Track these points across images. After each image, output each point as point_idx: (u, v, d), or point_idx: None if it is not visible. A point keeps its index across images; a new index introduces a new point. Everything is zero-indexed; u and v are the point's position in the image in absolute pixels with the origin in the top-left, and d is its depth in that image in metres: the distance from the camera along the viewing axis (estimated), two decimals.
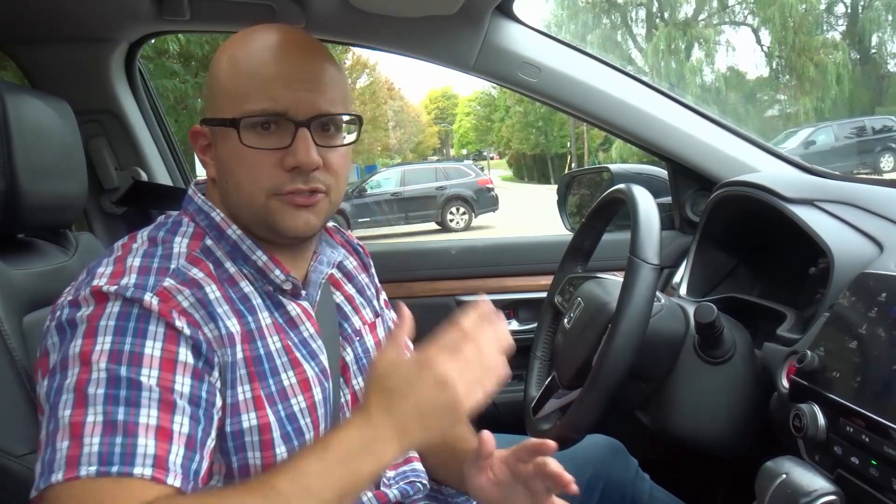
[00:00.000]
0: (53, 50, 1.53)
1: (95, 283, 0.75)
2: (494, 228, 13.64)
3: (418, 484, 0.99)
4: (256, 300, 0.84)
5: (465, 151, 46.68)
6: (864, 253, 1.02)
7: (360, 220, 13.56)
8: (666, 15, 24.93)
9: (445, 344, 0.75)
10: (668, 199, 1.68)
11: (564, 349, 1.13)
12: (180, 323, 0.75)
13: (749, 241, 1.36)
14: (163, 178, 1.74)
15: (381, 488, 0.95)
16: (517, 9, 1.52)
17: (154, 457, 0.68)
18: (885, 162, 15.58)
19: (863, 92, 22.00)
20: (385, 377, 0.74)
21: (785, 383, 0.96)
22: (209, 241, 0.85)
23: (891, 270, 0.90)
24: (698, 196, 1.61)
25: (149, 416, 0.69)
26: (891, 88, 22.69)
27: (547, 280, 1.37)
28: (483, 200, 14.40)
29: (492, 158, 40.92)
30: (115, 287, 0.74)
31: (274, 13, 1.47)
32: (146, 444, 0.68)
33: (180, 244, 0.83)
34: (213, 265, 0.83)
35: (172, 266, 0.80)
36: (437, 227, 14.13)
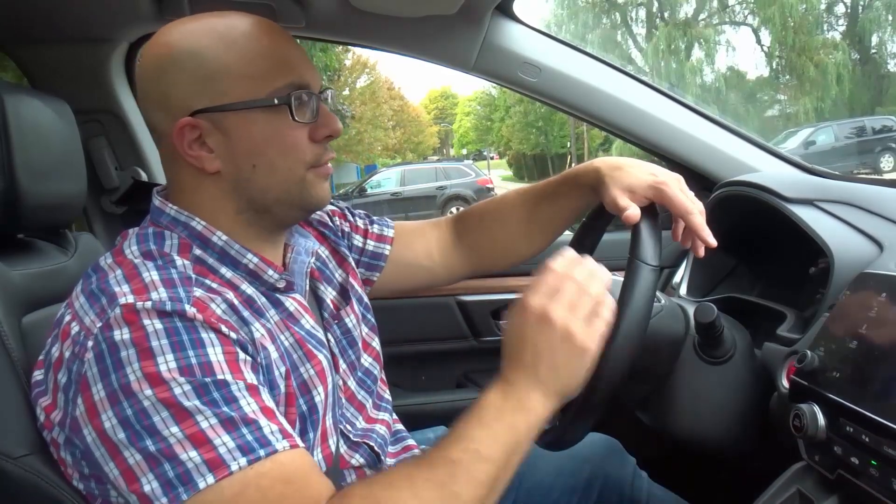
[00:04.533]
0: (53, 50, 1.53)
1: (123, 301, 0.71)
2: None
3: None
4: (261, 300, 0.84)
5: (465, 151, 46.64)
6: (864, 253, 1.02)
7: None
8: (666, 15, 24.90)
9: (547, 291, 0.78)
10: None
11: None
12: (225, 329, 0.74)
13: (749, 241, 1.36)
14: (162, 178, 1.73)
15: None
16: (517, 9, 1.52)
17: (280, 431, 0.71)
18: (885, 162, 15.58)
19: (863, 92, 21.99)
20: (507, 334, 0.79)
21: (785, 383, 0.96)
22: (197, 251, 0.82)
23: (891, 270, 0.91)
24: (698, 196, 1.61)
25: (249, 403, 0.70)
26: (891, 88, 22.66)
27: None
28: (483, 200, 14.41)
29: (492, 158, 40.90)
30: (150, 303, 0.71)
31: (274, 13, 1.47)
32: (267, 424, 0.70)
33: (177, 256, 0.80)
34: (212, 273, 0.81)
35: (191, 276, 0.78)
36: None
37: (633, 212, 0.90)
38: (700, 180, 1.57)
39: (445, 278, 1.22)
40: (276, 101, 0.80)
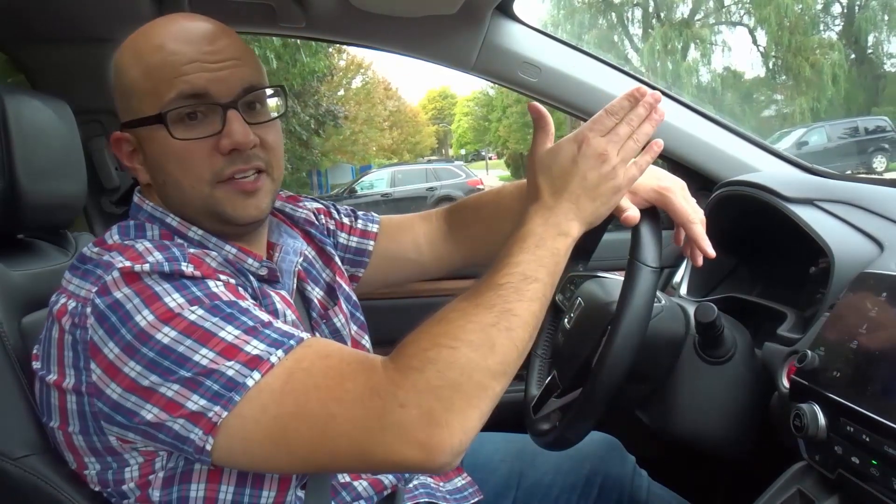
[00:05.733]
0: (54, 50, 1.53)
1: (121, 265, 0.72)
2: None
3: None
4: (250, 286, 0.84)
5: (463, 151, 46.65)
6: (865, 252, 1.02)
7: None
8: (662, 15, 24.92)
9: (597, 123, 0.82)
10: None
11: (564, 349, 1.13)
12: (224, 276, 0.77)
13: (749, 241, 1.36)
14: None
15: (375, 475, 0.96)
16: (517, 9, 1.52)
17: (294, 329, 0.74)
18: (878, 162, 15.56)
19: (859, 92, 22.02)
20: (548, 164, 0.82)
21: (785, 383, 0.96)
22: (179, 240, 0.83)
23: (891, 270, 0.90)
24: (698, 196, 1.59)
25: (260, 314, 0.74)
26: (887, 88, 22.71)
27: None
28: None
29: (490, 158, 40.90)
30: (148, 265, 0.72)
31: (274, 13, 1.47)
32: (281, 325, 0.74)
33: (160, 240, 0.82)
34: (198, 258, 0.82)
35: (183, 243, 0.81)
36: None
37: (633, 213, 0.91)
38: (700, 180, 1.57)
39: (435, 270, 1.23)
40: (166, 117, 0.79)
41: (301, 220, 1.08)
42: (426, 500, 1.03)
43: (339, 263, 1.09)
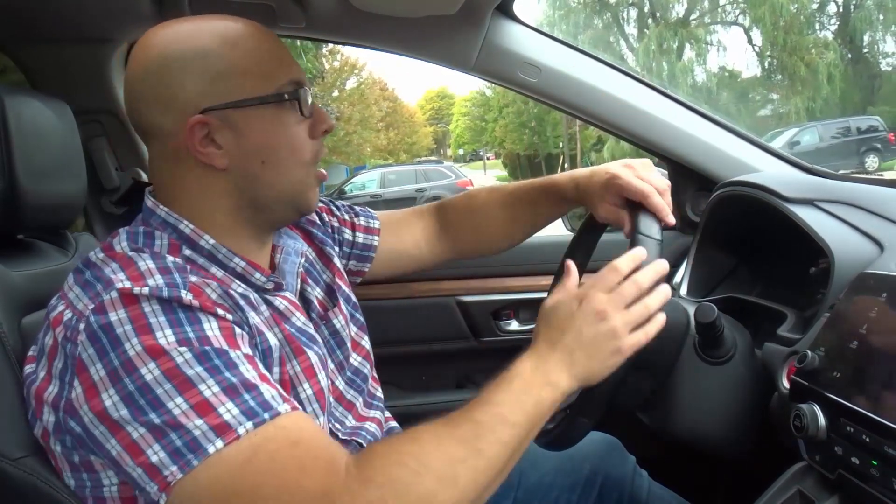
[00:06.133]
0: (53, 50, 1.53)
1: (120, 286, 0.72)
2: None
3: None
4: (253, 296, 0.85)
5: (461, 151, 46.65)
6: (865, 253, 1.02)
7: None
8: (657, 14, 24.93)
9: (603, 281, 0.83)
10: None
11: None
12: (221, 311, 0.75)
13: (749, 241, 1.37)
14: None
15: None
16: (517, 9, 1.52)
17: (279, 395, 0.72)
18: (870, 162, 15.63)
19: (854, 91, 22.06)
20: (549, 315, 0.84)
21: (785, 383, 0.96)
22: (187, 251, 0.82)
23: (891, 270, 0.91)
24: (698, 196, 1.61)
25: (248, 370, 0.72)
26: (882, 88, 22.74)
27: (547, 280, 1.37)
28: None
29: (489, 158, 40.89)
30: (147, 289, 0.71)
31: (274, 13, 1.47)
32: (267, 389, 0.71)
33: (167, 255, 0.81)
34: (203, 270, 0.82)
35: (185, 266, 0.79)
36: None
37: (618, 216, 0.96)
38: (700, 180, 1.57)
39: (432, 264, 1.26)
40: (285, 97, 0.83)
41: (303, 220, 1.08)
42: None
43: (339, 265, 1.10)
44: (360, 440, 0.97)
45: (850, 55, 22.60)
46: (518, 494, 1.18)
